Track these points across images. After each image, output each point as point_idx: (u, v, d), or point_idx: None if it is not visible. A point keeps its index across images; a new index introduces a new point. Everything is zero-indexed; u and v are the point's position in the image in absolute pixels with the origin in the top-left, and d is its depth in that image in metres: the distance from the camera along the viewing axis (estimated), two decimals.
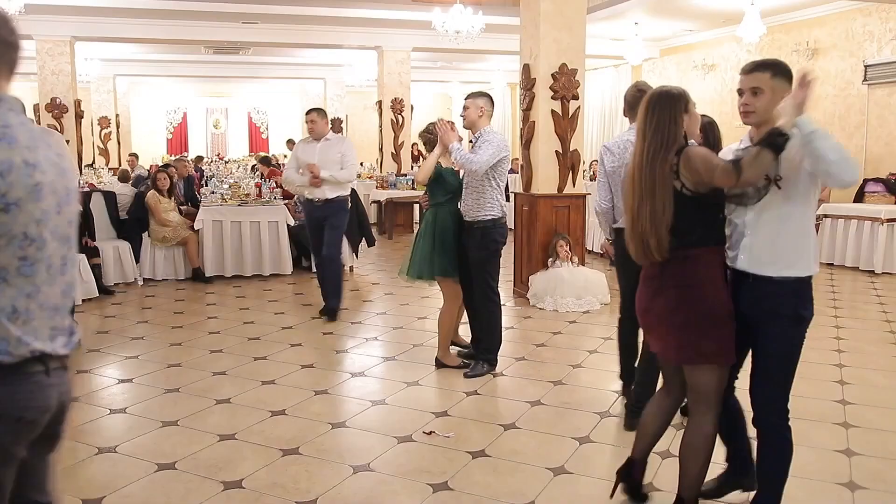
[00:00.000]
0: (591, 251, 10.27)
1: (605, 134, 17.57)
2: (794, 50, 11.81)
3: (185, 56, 17.10)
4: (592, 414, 4.18)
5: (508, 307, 6.97)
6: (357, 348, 5.63)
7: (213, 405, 4.33)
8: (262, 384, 4.71)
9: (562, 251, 7.14)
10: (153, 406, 4.33)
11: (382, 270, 9.29)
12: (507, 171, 4.71)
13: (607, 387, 4.68)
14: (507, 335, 5.90)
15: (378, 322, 6.50)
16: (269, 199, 8.92)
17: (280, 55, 17.20)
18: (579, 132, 7.40)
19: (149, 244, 8.34)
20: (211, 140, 23.52)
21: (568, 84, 7.24)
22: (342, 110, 20.66)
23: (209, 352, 5.50)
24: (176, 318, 6.65)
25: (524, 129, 7.51)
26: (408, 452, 3.66)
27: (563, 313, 6.74)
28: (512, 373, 4.97)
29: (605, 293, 7.17)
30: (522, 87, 7.51)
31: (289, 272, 8.67)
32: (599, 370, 5.07)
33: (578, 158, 7.41)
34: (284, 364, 5.17)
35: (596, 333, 6.07)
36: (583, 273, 7.16)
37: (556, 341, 5.83)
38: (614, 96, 17.09)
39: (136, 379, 4.87)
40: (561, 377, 4.87)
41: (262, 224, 8.53)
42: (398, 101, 13.78)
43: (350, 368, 5.10)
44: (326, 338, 5.93)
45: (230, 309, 7.03)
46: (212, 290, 7.91)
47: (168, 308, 7.06)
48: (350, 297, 7.62)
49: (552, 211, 7.35)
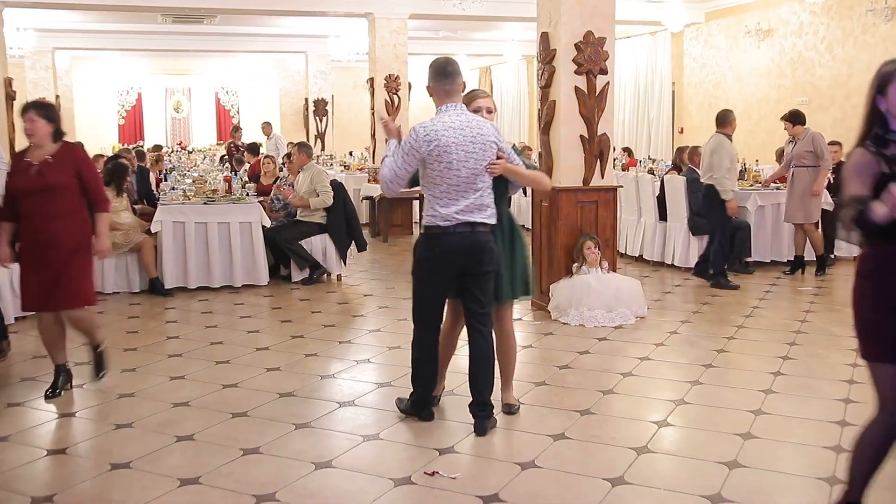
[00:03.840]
0: (623, 254, 10.26)
1: (639, 115, 17.57)
2: (868, 10, 11.78)
3: (138, 25, 17.17)
4: (627, 450, 4.15)
5: (525, 322, 6.96)
6: (346, 373, 5.61)
7: (174, 443, 4.31)
8: (231, 417, 4.70)
9: (589, 255, 7.13)
10: (100, 445, 4.32)
11: (376, 279, 9.28)
12: (446, 164, 4.24)
13: (645, 416, 4.66)
14: (524, 355, 5.89)
15: (371, 341, 6.49)
16: (240, 195, 8.94)
17: (253, 24, 17.25)
18: (608, 113, 7.38)
19: None
20: (171, 126, 23.63)
21: (594, 55, 7.22)
22: (327, 90, 20.74)
23: (169, 378, 5.49)
24: (129, 338, 6.65)
25: (542, 109, 7.50)
26: (406, 498, 3.63)
27: (591, 329, 6.72)
28: (530, 400, 4.95)
29: (642, 304, 7.14)
30: (540, 60, 7.50)
31: (264, 283, 8.67)
32: (635, 397, 5.04)
33: (608, 144, 7.39)
34: (259, 392, 5.15)
35: (631, 352, 6.03)
36: (614, 280, 7.13)
37: (582, 362, 5.80)
38: (651, 69, 17.09)
39: (79, 413, 4.85)
40: (589, 405, 4.84)
41: (232, 226, 8.54)
42: (393, 78, 13.80)
43: (338, 397, 5.08)
44: (309, 361, 5.92)
45: (194, 327, 7.02)
46: (172, 305, 7.92)
47: (119, 327, 7.06)
48: (338, 312, 7.61)
49: (577, 207, 7.34)
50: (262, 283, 8.66)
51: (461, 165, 4.24)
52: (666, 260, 9.76)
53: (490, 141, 4.30)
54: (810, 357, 5.87)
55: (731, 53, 14.93)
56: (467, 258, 4.34)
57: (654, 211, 9.99)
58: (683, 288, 8.64)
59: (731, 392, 5.11)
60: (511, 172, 4.43)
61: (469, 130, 4.25)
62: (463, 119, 4.28)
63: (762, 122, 14.05)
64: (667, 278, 9.19)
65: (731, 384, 5.27)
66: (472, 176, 4.27)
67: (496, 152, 4.34)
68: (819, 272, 8.96)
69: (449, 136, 4.23)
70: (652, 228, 10.01)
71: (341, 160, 17.37)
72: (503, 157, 4.36)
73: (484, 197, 4.33)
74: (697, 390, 5.14)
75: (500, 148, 4.36)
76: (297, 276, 8.95)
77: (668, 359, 5.93)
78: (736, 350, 6.12)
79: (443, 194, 4.29)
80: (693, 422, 4.61)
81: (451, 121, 4.27)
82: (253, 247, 8.63)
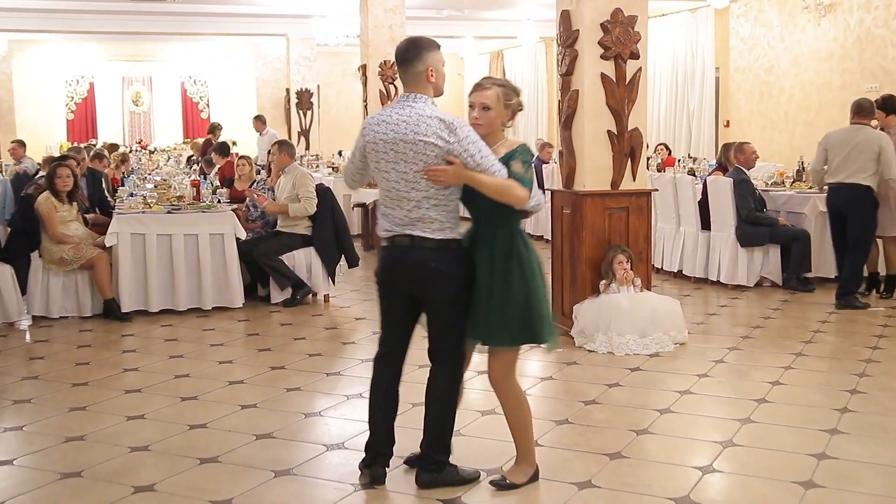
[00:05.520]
0: (659, 269, 10.25)
1: (677, 106, 17.58)
2: None
3: (90, 3, 17.21)
4: (665, 501, 4.14)
5: (544, 350, 6.93)
6: (334, 410, 5.61)
7: (131, 494, 4.30)
8: (199, 463, 4.68)
9: (619, 270, 7.12)
10: (44, 498, 4.30)
11: (369, 300, 9.28)
12: (375, 164, 4.23)
13: (687, 461, 4.64)
14: (543, 389, 5.87)
15: (363, 372, 6.45)
16: (210, 202, 8.95)
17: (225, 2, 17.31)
18: (641, 104, 7.39)
19: (40, 268, 8.37)
20: (130, 121, 23.68)
21: (624, 37, 7.24)
22: (312, 79, 20.79)
23: (126, 418, 5.48)
24: (79, 371, 6.64)
25: (563, 101, 7.51)
26: None
27: (622, 357, 6.71)
28: (551, 442, 4.93)
29: (681, 328, 7.13)
30: (561, 43, 7.52)
31: (239, 305, 8.68)
32: (675, 438, 5.03)
33: (640, 141, 7.40)
34: (232, 434, 5.14)
35: (669, 385, 6.02)
36: (649, 300, 7.13)
37: (612, 397, 5.79)
38: (690, 53, 17.12)
39: (18, 460, 4.84)
40: (620, 448, 4.82)
41: (201, 238, 8.55)
42: (389, 65, 13.82)
43: (324, 438, 5.07)
44: (291, 396, 5.91)
45: (156, 358, 7.02)
46: (130, 332, 7.92)
47: (67, 358, 7.05)
48: (325, 339, 7.61)
49: (604, 215, 7.33)
50: (236, 305, 8.66)
51: (390, 168, 4.16)
52: (710, 276, 9.74)
53: (427, 142, 4.06)
54: (883, 391, 5.85)
55: (786, 32, 14.95)
56: (407, 278, 4.27)
57: (696, 219, 9.98)
58: (731, 309, 8.62)
59: (788, 432, 5.09)
60: (467, 180, 4.12)
61: (402, 127, 4.11)
62: (402, 113, 4.14)
63: (823, 112, 14.05)
64: (711, 297, 9.18)
65: (789, 423, 5.25)
66: (404, 182, 4.14)
67: (441, 156, 4.08)
68: (886, 293, 8.82)
69: (378, 132, 4.18)
70: (693, 239, 10.00)
71: (329, 161, 17.39)
72: (455, 161, 4.07)
73: (423, 208, 4.14)
74: (748, 430, 5.12)
75: (448, 150, 4.06)
76: (278, 297, 8.95)
77: (714, 392, 5.92)
78: (794, 382, 6.10)
79: (384, 199, 4.27)
80: (744, 468, 4.59)
81: (389, 114, 4.20)
82: (225, 263, 8.64)
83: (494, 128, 4.29)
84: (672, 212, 10.40)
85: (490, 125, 4.26)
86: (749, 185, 9.50)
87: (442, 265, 4.18)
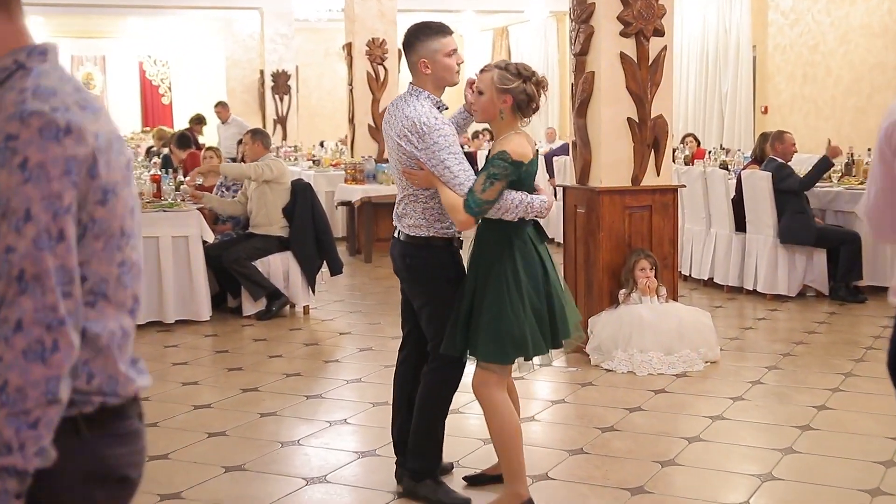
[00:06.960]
0: (687, 277, 10.27)
1: (707, 90, 17.61)
2: None
3: None
4: None
5: (555, 368, 6.96)
6: (315, 438, 5.62)
7: None
8: (159, 500, 4.69)
9: (641, 278, 7.13)
10: None
11: (356, 312, 9.30)
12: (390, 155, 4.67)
13: (719, 496, 4.65)
14: (554, 413, 5.88)
15: (348, 395, 6.50)
16: (173, 200, 8.96)
17: None
18: (666, 88, 7.41)
19: None
20: None
21: (647, 11, 7.25)
22: (290, 59, 20.80)
23: None
24: None
25: (577, 84, 7.52)
26: None
27: (645, 377, 6.72)
28: (564, 474, 4.94)
29: (713, 344, 7.14)
30: (574, 17, 7.53)
31: (206, 318, 8.69)
32: (705, 470, 5.04)
33: (665, 130, 7.41)
34: (198, 466, 5.15)
35: (698, 409, 6.05)
36: (676, 312, 7.15)
37: (633, 422, 5.80)
38: (723, 28, 17.15)
39: None
40: (643, 481, 4.83)
41: (162, 241, 8.55)
42: (378, 43, 13.85)
43: (303, 471, 5.09)
44: (266, 422, 5.93)
45: None
46: None
47: None
48: (305, 356, 7.62)
49: (624, 214, 7.35)
50: (202, 317, 8.68)
51: (390, 159, 4.65)
52: (745, 285, 9.75)
53: (398, 143, 4.42)
54: None
55: (833, 5, 14.99)
56: (397, 272, 4.71)
57: (729, 219, 9.99)
58: (770, 322, 8.64)
59: (837, 464, 5.10)
60: (437, 188, 4.33)
61: (390, 121, 4.54)
62: (396, 107, 4.54)
63: (876, 96, 14.07)
64: (746, 309, 9.21)
65: (838, 453, 5.25)
66: (396, 176, 4.62)
67: (413, 157, 4.34)
68: None
69: (384, 124, 4.66)
70: (726, 242, 10.00)
71: (309, 153, 17.42)
72: (424, 167, 4.32)
73: (403, 204, 4.55)
74: (791, 461, 5.12)
75: (414, 155, 4.32)
76: (251, 309, 8.98)
77: (750, 418, 5.93)
78: (843, 406, 6.10)
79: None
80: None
81: (391, 105, 4.64)
82: (190, 269, 8.65)
83: (492, 115, 4.39)
84: (702, 211, 10.41)
85: (485, 112, 4.42)
86: (790, 169, 9.39)
87: (417, 262, 4.51)
